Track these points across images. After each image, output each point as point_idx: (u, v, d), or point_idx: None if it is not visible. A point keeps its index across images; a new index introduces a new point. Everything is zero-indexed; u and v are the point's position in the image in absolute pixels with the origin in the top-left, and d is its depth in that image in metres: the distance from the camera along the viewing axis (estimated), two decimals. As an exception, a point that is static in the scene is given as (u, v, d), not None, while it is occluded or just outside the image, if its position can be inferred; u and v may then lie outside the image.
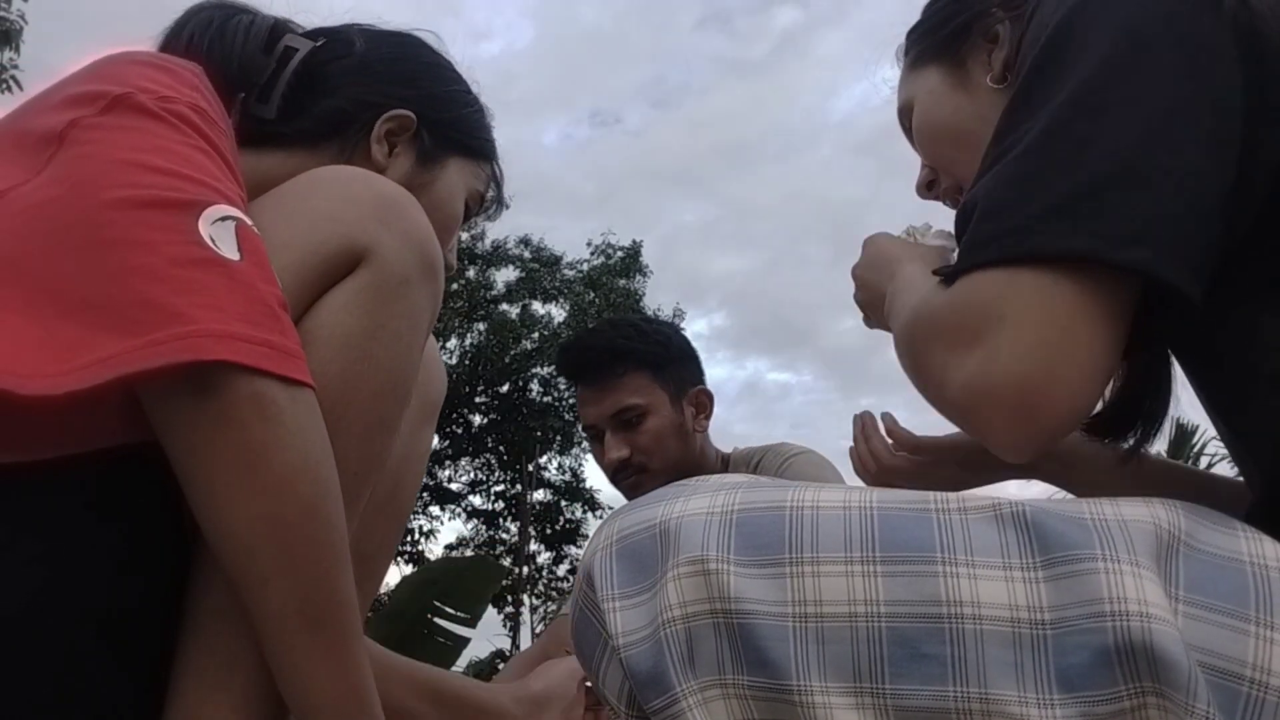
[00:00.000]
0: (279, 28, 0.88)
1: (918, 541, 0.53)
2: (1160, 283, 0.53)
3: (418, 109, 0.89)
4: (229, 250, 0.58)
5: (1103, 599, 0.48)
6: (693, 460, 1.71)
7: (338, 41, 0.90)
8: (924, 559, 0.52)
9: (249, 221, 0.61)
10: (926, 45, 0.87)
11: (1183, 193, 0.54)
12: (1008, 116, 0.61)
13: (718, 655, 0.54)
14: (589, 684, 1.05)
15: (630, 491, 1.69)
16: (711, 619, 0.54)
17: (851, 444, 0.99)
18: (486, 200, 0.99)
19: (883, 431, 0.97)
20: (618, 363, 1.70)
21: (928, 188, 0.92)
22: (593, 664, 0.60)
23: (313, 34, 0.91)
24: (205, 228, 0.58)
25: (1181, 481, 0.82)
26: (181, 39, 0.84)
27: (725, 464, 1.80)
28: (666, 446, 1.68)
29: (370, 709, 0.63)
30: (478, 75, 0.99)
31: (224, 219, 0.60)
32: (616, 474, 1.71)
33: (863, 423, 0.99)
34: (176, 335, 0.53)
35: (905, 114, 0.91)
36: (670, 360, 1.74)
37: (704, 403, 1.77)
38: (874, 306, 0.85)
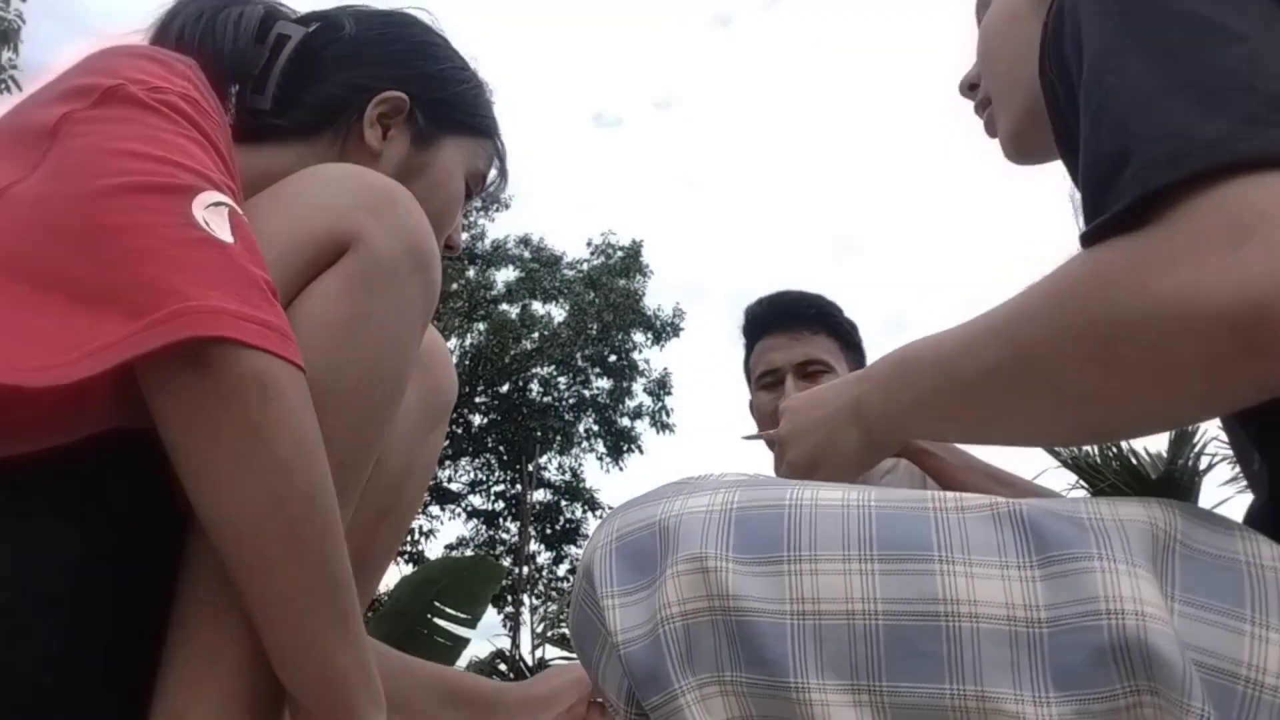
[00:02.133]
0: (270, 16, 0.87)
1: (915, 540, 0.53)
2: None
3: (410, 89, 0.87)
4: (223, 233, 0.58)
5: (1098, 598, 0.48)
6: None
7: (328, 26, 0.89)
8: (921, 557, 0.52)
9: (240, 210, 0.62)
10: None
11: None
12: (1107, 56, 0.56)
13: (716, 653, 0.54)
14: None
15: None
16: (710, 616, 0.54)
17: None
18: (488, 178, 0.97)
19: None
20: (820, 321, 1.79)
21: (970, 87, 0.88)
22: (592, 661, 0.60)
23: (305, 19, 0.89)
24: (199, 211, 0.58)
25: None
26: (170, 33, 0.83)
27: None
28: None
29: (376, 680, 0.64)
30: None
31: (217, 204, 0.60)
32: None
33: None
34: (175, 313, 0.54)
35: (983, 6, 0.86)
36: (856, 346, 1.83)
37: None
38: (833, 432, 0.74)
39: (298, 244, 0.66)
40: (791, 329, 1.78)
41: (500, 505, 15.87)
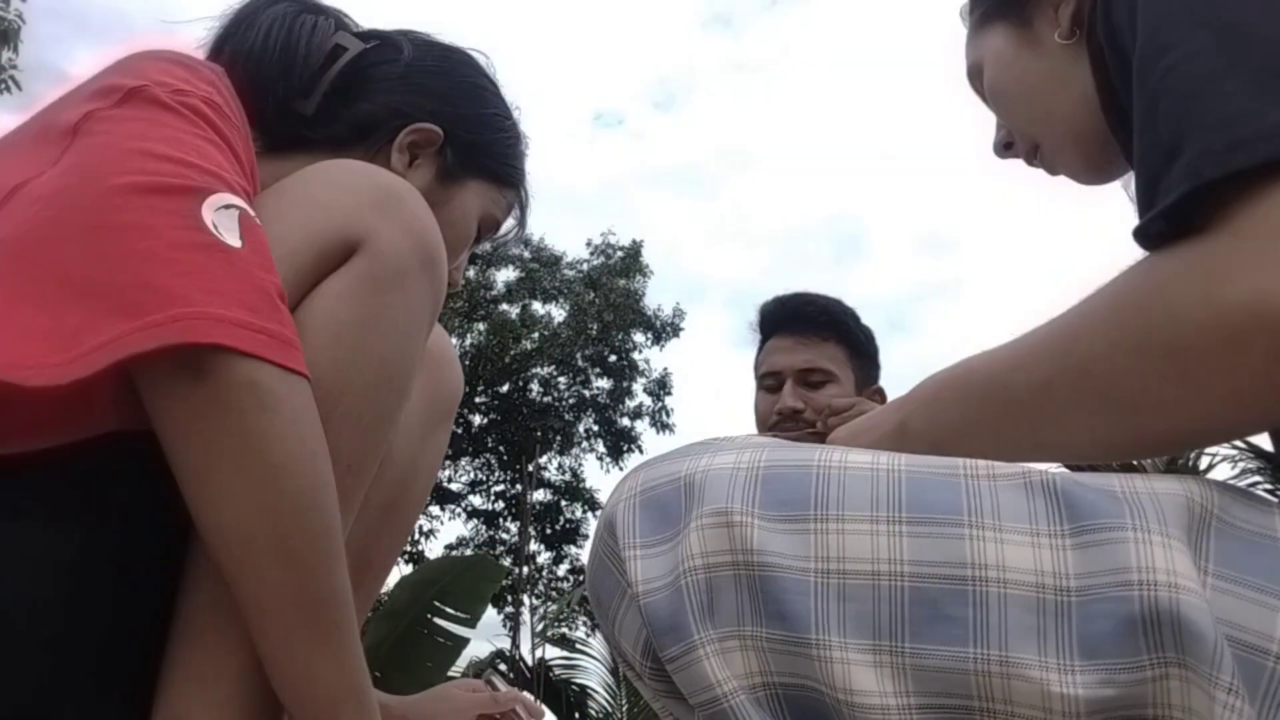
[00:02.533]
0: (338, 29, 0.88)
1: (945, 504, 0.52)
2: None
3: (447, 125, 0.88)
4: (231, 237, 0.58)
5: (1131, 568, 0.48)
6: None
7: (386, 46, 0.89)
8: (950, 521, 0.51)
9: (252, 213, 0.61)
10: (991, 4, 0.83)
11: None
12: (1164, 31, 0.53)
13: (738, 606, 0.54)
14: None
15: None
16: (733, 570, 0.54)
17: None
18: (502, 228, 0.98)
19: None
20: (828, 328, 1.74)
21: (1005, 147, 0.88)
22: (610, 613, 0.59)
23: (365, 35, 0.90)
24: (209, 214, 0.58)
25: None
26: (233, 35, 0.84)
27: None
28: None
29: (367, 700, 0.62)
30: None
31: (227, 206, 0.59)
32: (778, 423, 1.70)
33: None
34: (173, 317, 0.53)
35: (975, 75, 0.88)
36: (868, 354, 1.78)
37: (878, 401, 1.82)
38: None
39: (305, 244, 0.65)
40: (800, 332, 1.75)
41: (500, 505, 15.87)
